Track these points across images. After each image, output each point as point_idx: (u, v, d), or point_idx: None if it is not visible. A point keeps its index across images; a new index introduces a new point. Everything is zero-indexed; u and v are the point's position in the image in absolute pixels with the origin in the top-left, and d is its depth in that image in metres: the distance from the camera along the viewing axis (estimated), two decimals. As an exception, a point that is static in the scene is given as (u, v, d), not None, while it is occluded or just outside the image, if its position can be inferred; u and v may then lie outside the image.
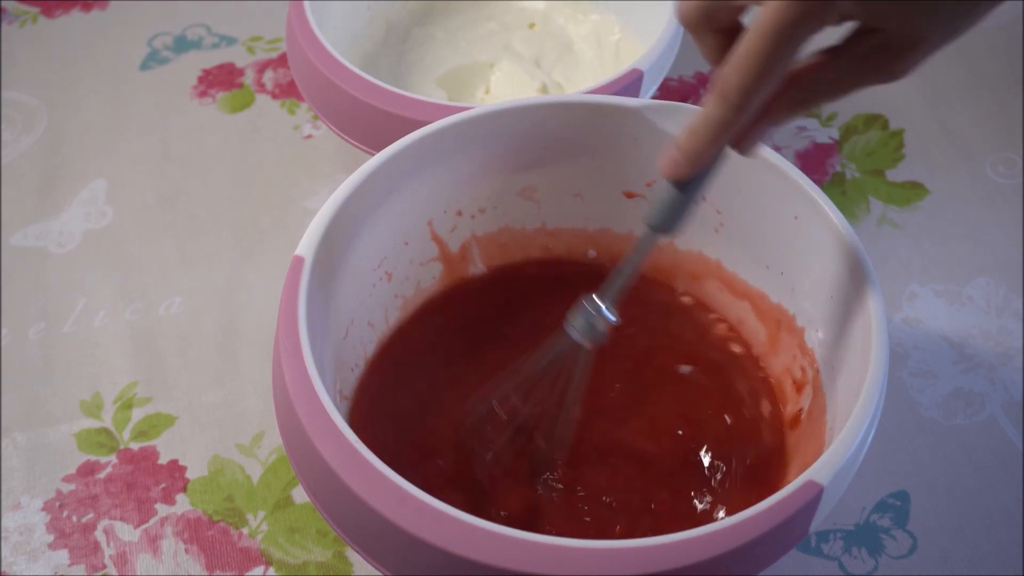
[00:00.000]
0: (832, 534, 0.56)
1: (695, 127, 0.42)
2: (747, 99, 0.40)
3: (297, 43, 0.65)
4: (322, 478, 0.44)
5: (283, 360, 0.45)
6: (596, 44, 0.76)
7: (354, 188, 0.51)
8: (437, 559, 0.41)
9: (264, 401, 0.62)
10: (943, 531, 0.56)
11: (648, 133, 0.55)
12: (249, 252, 0.69)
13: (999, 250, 0.68)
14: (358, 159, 0.56)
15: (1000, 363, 0.63)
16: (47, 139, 0.75)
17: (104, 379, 0.63)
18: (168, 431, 0.61)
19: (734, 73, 0.40)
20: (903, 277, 0.67)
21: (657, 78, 0.64)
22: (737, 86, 0.40)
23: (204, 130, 0.76)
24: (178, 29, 0.83)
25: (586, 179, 0.59)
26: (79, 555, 0.56)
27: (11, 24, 0.83)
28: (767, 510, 0.41)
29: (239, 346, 0.64)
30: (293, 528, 0.57)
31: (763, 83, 0.40)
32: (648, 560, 0.40)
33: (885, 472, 0.58)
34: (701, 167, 0.43)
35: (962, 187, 0.72)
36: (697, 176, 0.44)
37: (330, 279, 0.51)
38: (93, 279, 0.67)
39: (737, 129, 0.42)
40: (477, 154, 0.56)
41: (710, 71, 0.79)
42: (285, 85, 0.78)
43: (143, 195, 0.72)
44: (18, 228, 0.70)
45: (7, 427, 0.61)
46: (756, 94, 0.40)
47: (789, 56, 0.39)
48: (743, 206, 0.55)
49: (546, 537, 0.40)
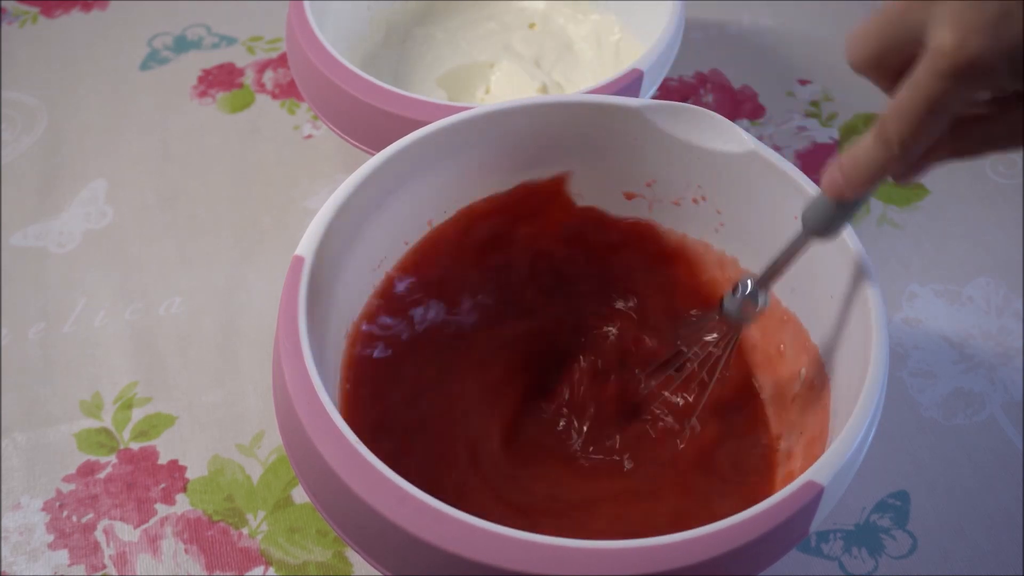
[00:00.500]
0: (832, 534, 0.56)
1: (857, 159, 0.43)
2: (907, 149, 0.41)
3: (297, 43, 0.65)
4: (322, 478, 0.44)
5: (283, 360, 0.45)
6: (596, 44, 0.76)
7: (354, 188, 0.51)
8: (437, 559, 0.41)
9: (264, 401, 0.62)
10: (943, 531, 0.56)
11: (648, 133, 0.55)
12: (249, 252, 0.69)
13: (999, 250, 0.68)
14: (358, 159, 0.56)
15: (1000, 363, 0.63)
16: (47, 139, 0.75)
17: (104, 379, 0.63)
18: (168, 431, 0.61)
19: (893, 123, 0.40)
20: (903, 277, 0.67)
21: (657, 78, 0.64)
22: (897, 137, 0.40)
23: (204, 130, 0.76)
24: (178, 29, 0.83)
25: (586, 179, 0.59)
26: (79, 555, 0.56)
27: (11, 24, 0.83)
28: (767, 510, 0.41)
29: (239, 346, 0.64)
30: (293, 528, 0.57)
31: (920, 137, 0.40)
32: (648, 560, 0.40)
33: (885, 472, 0.58)
34: (860, 195, 0.44)
35: (962, 187, 0.72)
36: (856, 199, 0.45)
37: (330, 279, 0.51)
38: (93, 279, 0.67)
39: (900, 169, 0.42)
40: (477, 154, 0.56)
41: (709, 71, 0.79)
42: (285, 85, 0.78)
43: (143, 195, 0.72)
44: (18, 228, 0.70)
45: (7, 427, 0.61)
46: (915, 145, 0.41)
47: (945, 117, 0.40)
48: (743, 206, 0.55)
49: (546, 537, 0.40)
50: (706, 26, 0.82)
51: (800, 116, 0.76)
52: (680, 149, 0.55)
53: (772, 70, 0.79)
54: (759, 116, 0.76)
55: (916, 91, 0.39)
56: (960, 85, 0.38)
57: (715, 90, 0.78)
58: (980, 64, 0.38)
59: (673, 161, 0.56)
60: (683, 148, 0.55)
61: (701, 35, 0.81)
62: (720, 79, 0.78)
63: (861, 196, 0.44)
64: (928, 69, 0.38)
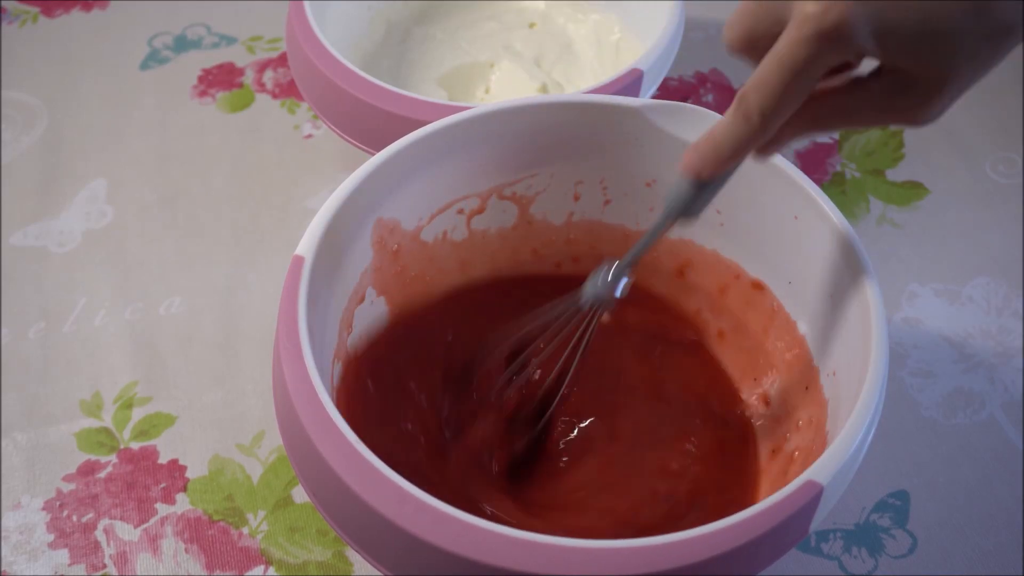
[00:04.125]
0: (832, 534, 0.56)
1: (717, 138, 0.43)
2: (767, 120, 0.41)
3: (297, 43, 0.65)
4: (322, 478, 0.44)
5: (283, 360, 0.45)
6: (596, 44, 0.76)
7: (354, 188, 0.51)
8: (437, 559, 0.41)
9: (264, 401, 0.62)
10: (943, 531, 0.57)
11: (648, 133, 0.55)
12: (249, 252, 0.69)
13: (999, 250, 0.68)
14: (358, 159, 0.56)
15: (1000, 363, 0.63)
16: (47, 139, 0.75)
17: (104, 379, 0.63)
18: (168, 431, 0.61)
19: (754, 95, 0.41)
20: (903, 277, 0.67)
21: (657, 78, 0.64)
22: (757, 109, 0.41)
23: (204, 130, 0.76)
24: (178, 29, 0.83)
25: (586, 179, 0.59)
26: (79, 554, 0.56)
27: (11, 24, 0.83)
28: (767, 510, 0.41)
29: (239, 346, 0.64)
30: (293, 528, 0.57)
31: (781, 108, 0.41)
32: (648, 560, 0.40)
33: (885, 472, 0.58)
34: (719, 173, 0.45)
35: (962, 187, 0.72)
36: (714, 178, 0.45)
37: (330, 279, 0.51)
38: (93, 279, 0.67)
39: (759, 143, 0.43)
40: (477, 154, 0.56)
41: (709, 70, 0.79)
42: (285, 85, 0.78)
43: (143, 195, 0.72)
44: (18, 228, 0.70)
45: (7, 427, 0.61)
46: (775, 117, 0.41)
47: (806, 86, 0.40)
48: (743, 206, 0.55)
49: (546, 537, 0.40)
50: (706, 26, 0.82)
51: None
52: (680, 149, 0.54)
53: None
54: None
55: (778, 61, 0.40)
56: (823, 49, 0.39)
57: (715, 90, 0.78)
58: (843, 26, 0.38)
59: (673, 161, 0.56)
60: (683, 148, 0.54)
61: (701, 35, 0.81)
62: (720, 79, 0.78)
63: (721, 175, 0.45)
64: (791, 37, 0.39)
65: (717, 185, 0.46)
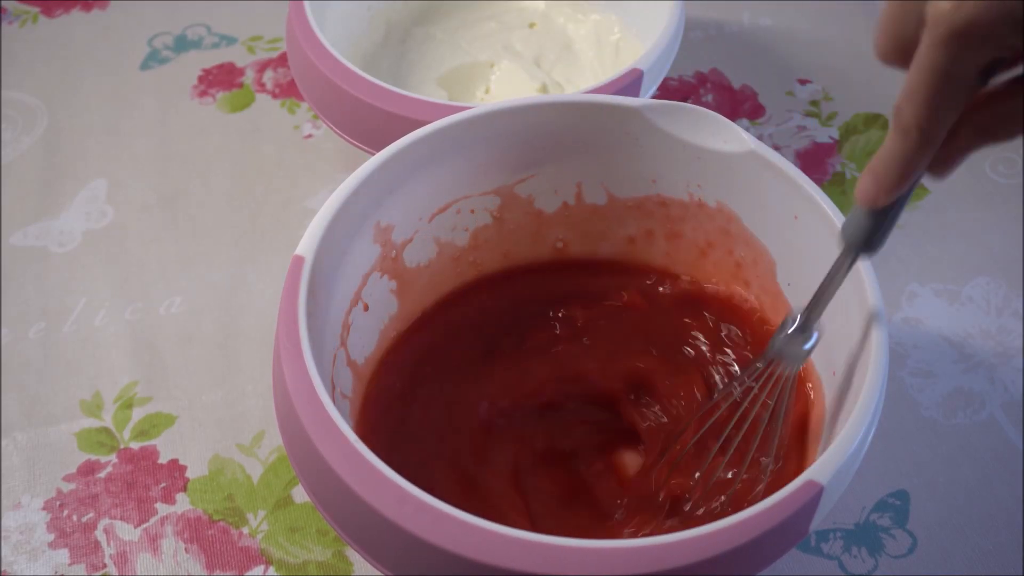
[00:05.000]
0: (832, 533, 0.56)
1: (884, 160, 0.41)
2: (926, 134, 0.39)
3: (297, 43, 0.65)
4: (322, 478, 0.44)
5: (283, 360, 0.45)
6: (596, 44, 0.76)
7: (354, 188, 0.51)
8: (437, 559, 0.41)
9: (264, 401, 0.62)
10: (943, 531, 0.57)
11: (648, 133, 0.55)
12: (249, 252, 0.69)
13: (999, 250, 0.68)
14: (358, 159, 0.56)
15: (1000, 363, 0.63)
16: (47, 139, 0.75)
17: (104, 379, 0.63)
18: (168, 431, 0.61)
19: (907, 108, 0.39)
20: (903, 277, 0.67)
21: (657, 78, 0.64)
22: (913, 122, 0.39)
23: (204, 130, 0.76)
24: (178, 29, 0.83)
25: (586, 179, 0.59)
26: (79, 554, 0.56)
27: (11, 24, 0.83)
28: (767, 510, 0.41)
29: (239, 346, 0.64)
30: (293, 527, 0.57)
31: (938, 118, 0.38)
32: (648, 560, 0.40)
33: (885, 472, 0.58)
34: (895, 197, 0.42)
35: (962, 187, 0.72)
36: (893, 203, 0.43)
37: (330, 279, 0.51)
38: (93, 279, 0.68)
39: (928, 160, 0.40)
40: (477, 154, 0.56)
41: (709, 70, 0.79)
42: (285, 85, 0.78)
43: (143, 195, 0.72)
44: (18, 228, 0.70)
45: (7, 427, 0.61)
46: (933, 128, 0.39)
47: (958, 91, 0.38)
48: (744, 206, 0.55)
49: (546, 537, 0.40)
50: (706, 26, 0.82)
51: (800, 115, 0.76)
52: (680, 149, 0.55)
53: (772, 70, 0.79)
54: (759, 116, 0.76)
55: (921, 67, 0.37)
56: (962, 50, 0.36)
57: (715, 90, 0.78)
58: (978, 24, 0.36)
59: (673, 161, 0.56)
60: (683, 148, 0.55)
61: (701, 35, 0.81)
62: (720, 79, 0.78)
63: (894, 199, 0.42)
64: (928, 41, 0.37)
65: (895, 212, 0.43)
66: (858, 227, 0.44)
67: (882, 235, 0.44)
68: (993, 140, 0.41)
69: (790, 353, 0.48)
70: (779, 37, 0.81)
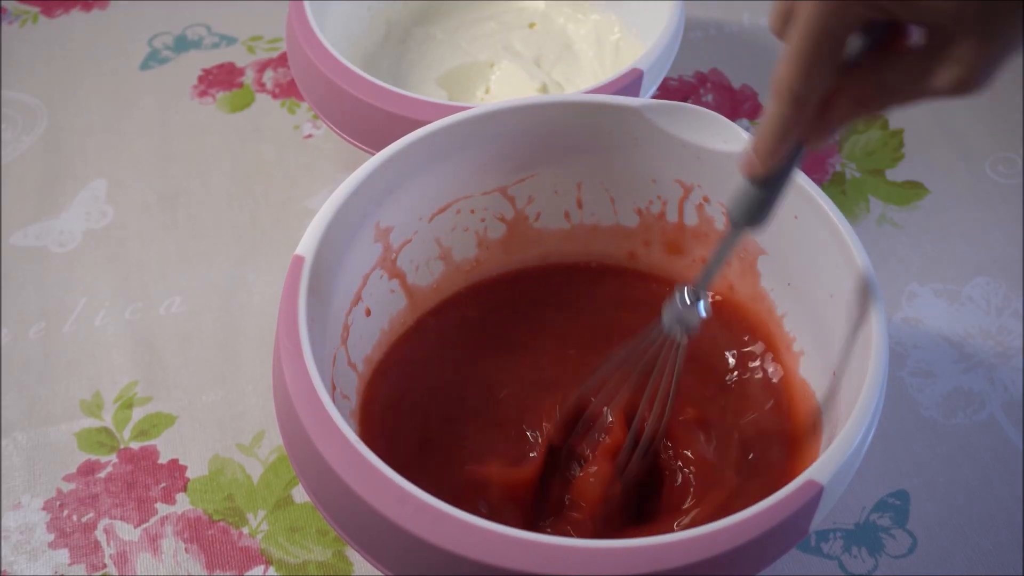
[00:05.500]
0: (832, 533, 0.56)
1: (761, 127, 0.42)
2: (798, 95, 0.40)
3: (297, 43, 0.65)
4: (322, 478, 0.44)
5: (283, 360, 0.45)
6: (596, 44, 0.76)
7: (354, 188, 0.51)
8: (437, 559, 0.41)
9: (264, 401, 0.62)
10: (943, 531, 0.57)
11: (648, 133, 0.55)
12: (249, 252, 0.69)
13: (999, 250, 0.68)
14: (358, 159, 0.56)
15: (1000, 363, 0.63)
16: (47, 139, 0.75)
17: (104, 379, 0.63)
18: (168, 431, 0.61)
19: (782, 70, 0.40)
20: (903, 277, 0.67)
21: (657, 78, 0.64)
22: (787, 83, 0.40)
23: (204, 130, 0.76)
24: (178, 29, 0.83)
25: (586, 179, 0.59)
26: (79, 554, 0.56)
27: (11, 24, 0.83)
28: (767, 510, 0.41)
29: (239, 346, 0.64)
30: (293, 527, 0.57)
31: (811, 79, 0.40)
32: (648, 560, 0.40)
33: (885, 472, 0.58)
34: (774, 164, 0.43)
35: (962, 187, 0.72)
36: (774, 173, 0.44)
37: (330, 279, 0.51)
38: (93, 279, 0.68)
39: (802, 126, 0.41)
40: (477, 154, 0.56)
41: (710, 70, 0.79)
42: (285, 85, 0.78)
43: (143, 195, 0.72)
44: (18, 228, 0.70)
45: (7, 427, 0.61)
46: (807, 89, 0.40)
47: (829, 52, 0.39)
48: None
49: (546, 537, 0.41)
50: (706, 26, 0.82)
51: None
52: (680, 149, 0.55)
53: (772, 70, 0.79)
54: (759, 116, 0.76)
55: (795, 31, 0.39)
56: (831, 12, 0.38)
57: (715, 90, 0.78)
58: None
59: (673, 161, 0.56)
60: (683, 148, 0.55)
61: (701, 35, 0.81)
62: (720, 79, 0.78)
63: (776, 168, 0.43)
64: (803, 5, 0.38)
65: (779, 186, 0.44)
66: (742, 201, 0.45)
67: (767, 210, 0.45)
68: (866, 111, 0.42)
69: (687, 323, 0.49)
70: (779, 37, 0.81)
